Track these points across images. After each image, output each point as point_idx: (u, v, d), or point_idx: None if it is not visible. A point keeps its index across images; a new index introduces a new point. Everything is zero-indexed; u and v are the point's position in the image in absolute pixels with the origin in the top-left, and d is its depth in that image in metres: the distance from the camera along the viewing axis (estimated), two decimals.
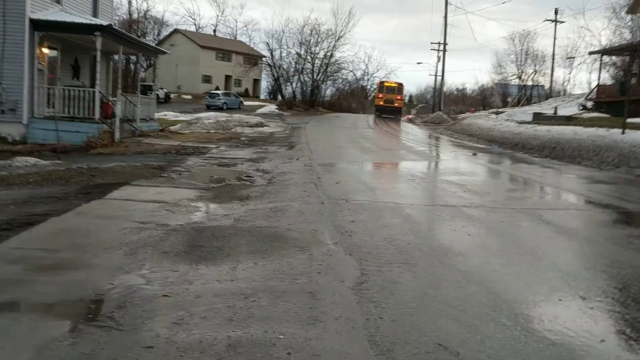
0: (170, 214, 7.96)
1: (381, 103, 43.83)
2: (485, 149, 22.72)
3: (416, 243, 6.51)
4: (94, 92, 19.23)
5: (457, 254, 6.11)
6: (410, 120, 46.85)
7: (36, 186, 9.97)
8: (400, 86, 44.59)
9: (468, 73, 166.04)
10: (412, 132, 32.99)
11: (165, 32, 65.55)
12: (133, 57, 46.17)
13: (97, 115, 19.10)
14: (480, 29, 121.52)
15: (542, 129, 25.23)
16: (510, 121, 33.85)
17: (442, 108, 48.26)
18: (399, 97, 43.49)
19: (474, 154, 20.00)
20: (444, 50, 47.30)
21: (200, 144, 20.31)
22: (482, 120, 34.22)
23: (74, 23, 18.81)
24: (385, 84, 45.53)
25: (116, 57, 23.48)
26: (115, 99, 21.40)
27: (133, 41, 22.09)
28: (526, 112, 40.13)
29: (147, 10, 60.74)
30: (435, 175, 13.40)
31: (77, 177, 10.67)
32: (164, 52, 27.08)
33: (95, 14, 23.23)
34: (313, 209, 8.46)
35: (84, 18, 19.45)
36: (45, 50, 19.73)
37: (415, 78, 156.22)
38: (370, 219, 7.83)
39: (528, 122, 31.96)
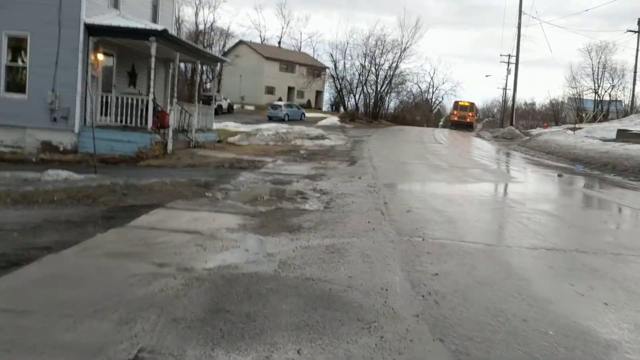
0: (199, 252, 6.20)
1: (455, 119, 50.57)
2: (568, 169, 20.06)
3: (535, 320, 4.42)
4: (147, 100, 17.98)
5: (606, 345, 4.00)
6: (478, 135, 44.05)
7: (58, 206, 8.49)
8: (472, 105, 52.13)
9: (537, 87, 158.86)
10: (483, 148, 30.40)
11: (230, 44, 65.28)
12: (199, 68, 45.74)
13: (149, 124, 17.84)
14: (553, 41, 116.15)
15: (634, 148, 22.30)
16: (592, 138, 30.75)
17: (517, 123, 45.01)
18: (470, 114, 50.39)
19: (560, 176, 17.46)
20: (517, 62, 44.25)
21: (257, 157, 18.73)
22: (561, 136, 31.20)
23: (128, 28, 17.67)
24: (460, 102, 52.81)
25: (174, 65, 22.34)
26: (171, 107, 20.19)
27: (190, 48, 20.86)
28: (607, 129, 36.69)
29: (213, 22, 60.60)
30: (523, 202, 11.15)
31: (107, 196, 9.13)
32: (223, 61, 25.85)
33: (154, 21, 22.19)
34: (381, 250, 6.49)
35: (141, 23, 18.31)
36: (99, 57, 18.68)
37: (481, 91, 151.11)
38: (459, 270, 5.78)
39: (613, 140, 28.85)
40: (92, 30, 17.41)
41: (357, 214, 8.82)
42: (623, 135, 30.35)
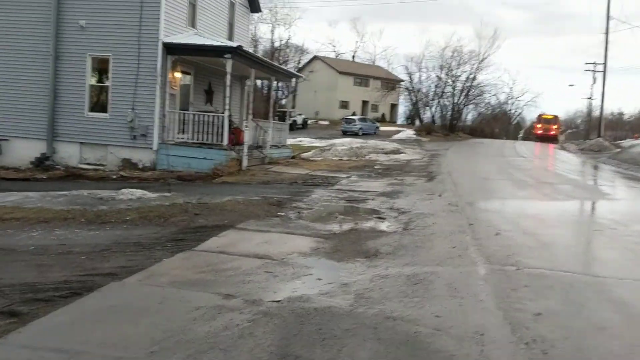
0: (269, 279, 5.70)
1: (540, 132, 50.70)
2: None
3: None
4: (222, 117, 17.97)
5: None
6: (563, 147, 41.63)
7: (130, 226, 8.29)
8: (555, 118, 52.23)
9: (626, 96, 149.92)
10: (569, 162, 28.50)
11: (305, 60, 65.71)
12: (275, 84, 46.28)
13: (225, 141, 17.79)
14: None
15: None
16: None
17: (604, 134, 42.22)
18: (555, 127, 50.66)
19: None
20: (605, 69, 41.55)
21: (330, 173, 18.25)
22: None
23: (204, 45, 17.78)
24: (543, 116, 52.95)
25: (249, 81, 22.40)
26: (246, 124, 20.15)
27: (265, 64, 20.79)
28: None
29: (289, 39, 61.31)
30: (626, 223, 9.95)
31: (179, 216, 8.87)
32: (297, 76, 25.73)
33: (230, 38, 22.38)
34: (470, 282, 5.73)
35: (216, 41, 18.40)
36: (177, 75, 18.95)
37: (562, 102, 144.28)
38: (566, 310, 4.94)
39: None
40: (170, 49, 17.65)
41: (440, 237, 8.06)
42: None
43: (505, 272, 6.10)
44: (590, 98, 71.26)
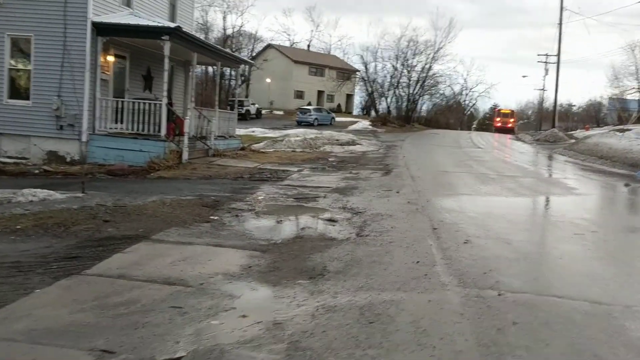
0: (174, 320, 4.15)
1: (499, 125, 54.98)
2: (629, 177, 17.45)
3: None
4: (160, 105, 16.14)
5: None
6: (518, 138, 41.28)
7: (18, 238, 6.56)
8: (512, 112, 58.72)
9: (574, 88, 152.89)
10: (527, 152, 27.81)
11: (259, 48, 63.57)
12: (222, 70, 44.15)
13: (163, 132, 15.97)
14: (590, 41, 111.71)
15: None
16: None
17: (557, 125, 41.96)
18: (512, 120, 55.47)
19: (627, 185, 14.96)
20: (558, 59, 41.16)
21: (281, 167, 16.72)
22: (612, 139, 28.31)
23: (138, 25, 15.86)
24: (501, 110, 59.22)
25: (195, 67, 20.51)
26: (185, 113, 18.37)
27: (209, 47, 18.95)
28: None
29: (242, 26, 58.97)
30: (605, 224, 8.85)
31: (83, 224, 7.17)
32: (246, 62, 23.98)
33: (173, 20, 20.41)
34: (442, 317, 4.32)
35: (153, 21, 16.49)
36: (110, 58, 16.98)
37: (515, 93, 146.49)
38: (569, 353, 3.58)
39: None
40: (101, 29, 15.67)
41: (400, 247, 6.65)
42: None
43: (484, 300, 4.72)
44: (542, 89, 71.80)
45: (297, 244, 6.84)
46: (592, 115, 73.32)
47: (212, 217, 8.28)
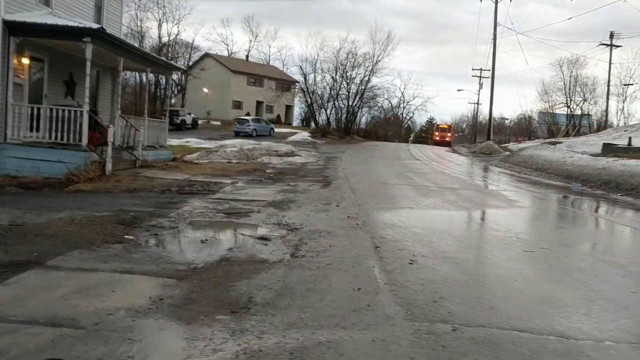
0: None
1: (437, 139, 58.42)
2: (566, 188, 17.52)
3: None
4: (81, 112, 14.79)
5: None
6: (454, 150, 41.73)
7: None
8: (450, 127, 63.99)
9: (506, 103, 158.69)
10: (464, 165, 27.88)
11: (196, 57, 61.88)
12: (154, 78, 42.37)
13: (84, 141, 14.63)
14: (520, 58, 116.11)
15: (633, 164, 19.95)
16: (577, 153, 28.49)
17: (492, 137, 42.71)
18: (449, 134, 59.18)
19: (565, 197, 14.87)
20: (493, 74, 42.03)
21: (214, 179, 15.67)
22: (546, 151, 28.88)
23: (56, 26, 14.49)
24: (440, 125, 64.92)
25: (121, 72, 19.14)
26: (112, 122, 17.05)
27: (137, 52, 17.71)
28: (587, 143, 34.66)
29: (177, 34, 57.19)
30: (553, 240, 8.41)
31: None
32: (177, 69, 22.77)
33: (98, 23, 19.02)
34: None
35: (73, 22, 15.15)
36: (25, 61, 15.48)
37: (450, 107, 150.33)
38: None
39: (600, 155, 26.64)
40: (13, 28, 14.22)
41: (340, 271, 5.86)
42: (609, 150, 28.16)
43: (437, 337, 3.97)
44: (477, 103, 73.67)
45: (222, 268, 5.93)
46: (524, 129, 75.88)
47: (126, 236, 7.24)
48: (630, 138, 31.28)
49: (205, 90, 55.79)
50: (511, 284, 5.65)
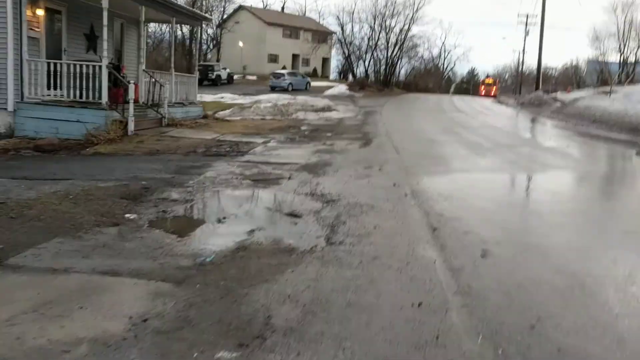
0: None
1: (483, 93, 58.41)
2: (635, 143, 15.38)
3: None
4: (100, 68, 13.43)
5: None
6: (500, 101, 39.08)
7: None
8: (495, 81, 63.69)
9: (549, 51, 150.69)
10: (514, 117, 25.64)
11: (230, 10, 59.68)
12: (185, 30, 40.60)
13: (104, 99, 13.31)
14: (567, 3, 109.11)
15: None
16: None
17: (540, 87, 39.70)
18: (494, 88, 59.26)
19: (639, 153, 12.87)
20: (542, 19, 38.69)
21: (244, 137, 14.24)
22: (604, 102, 26.26)
23: None
24: (485, 81, 64.56)
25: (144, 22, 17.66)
26: (143, 79, 15.70)
27: (159, 0, 16.10)
28: None
29: None
30: None
31: None
32: (204, 18, 21.08)
33: None
34: None
35: None
36: (39, 12, 14.12)
37: (491, 57, 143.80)
38: None
39: None
40: None
41: (391, 270, 4.33)
42: None
43: None
44: (522, 51, 69.65)
45: (236, 263, 4.50)
46: (570, 78, 71.56)
47: (127, 215, 5.86)
48: None
49: (241, 44, 53.91)
50: (631, 290, 4.01)
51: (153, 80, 16.16)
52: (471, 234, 5.34)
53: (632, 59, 56.83)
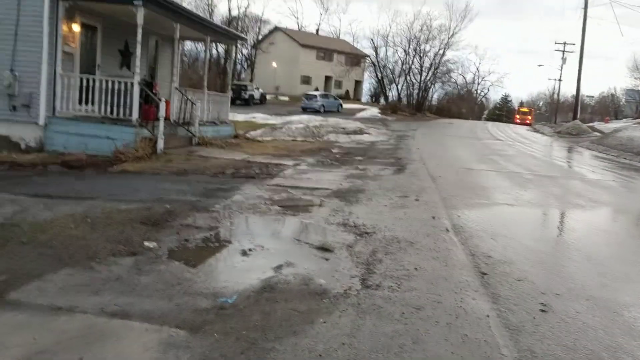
0: None
1: (518, 121, 59.02)
2: None
3: None
4: (132, 84, 13.22)
5: None
6: (536, 130, 38.04)
7: None
8: (530, 110, 66.18)
9: (585, 80, 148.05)
10: (552, 147, 24.70)
11: (266, 31, 60.16)
12: (208, 45, 40.79)
13: (134, 115, 13.08)
14: (605, 32, 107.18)
15: None
16: None
17: (577, 116, 38.51)
18: (529, 117, 60.88)
19: None
20: (582, 46, 37.56)
21: (275, 159, 13.81)
22: None
23: None
24: (521, 109, 67.47)
25: (179, 40, 17.54)
26: (176, 96, 15.47)
27: (194, 18, 15.95)
28: None
29: (247, 7, 55.51)
30: None
31: None
32: (239, 37, 20.90)
33: None
34: None
35: None
36: (75, 28, 14.06)
37: (525, 84, 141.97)
38: None
39: None
40: None
41: (438, 327, 3.72)
42: None
43: None
44: (559, 79, 68.44)
45: (261, 306, 3.96)
46: (608, 107, 69.97)
47: (146, 242, 5.41)
48: None
49: (274, 64, 54.11)
50: None
51: (185, 98, 15.92)
52: (526, 282, 4.71)
53: None
